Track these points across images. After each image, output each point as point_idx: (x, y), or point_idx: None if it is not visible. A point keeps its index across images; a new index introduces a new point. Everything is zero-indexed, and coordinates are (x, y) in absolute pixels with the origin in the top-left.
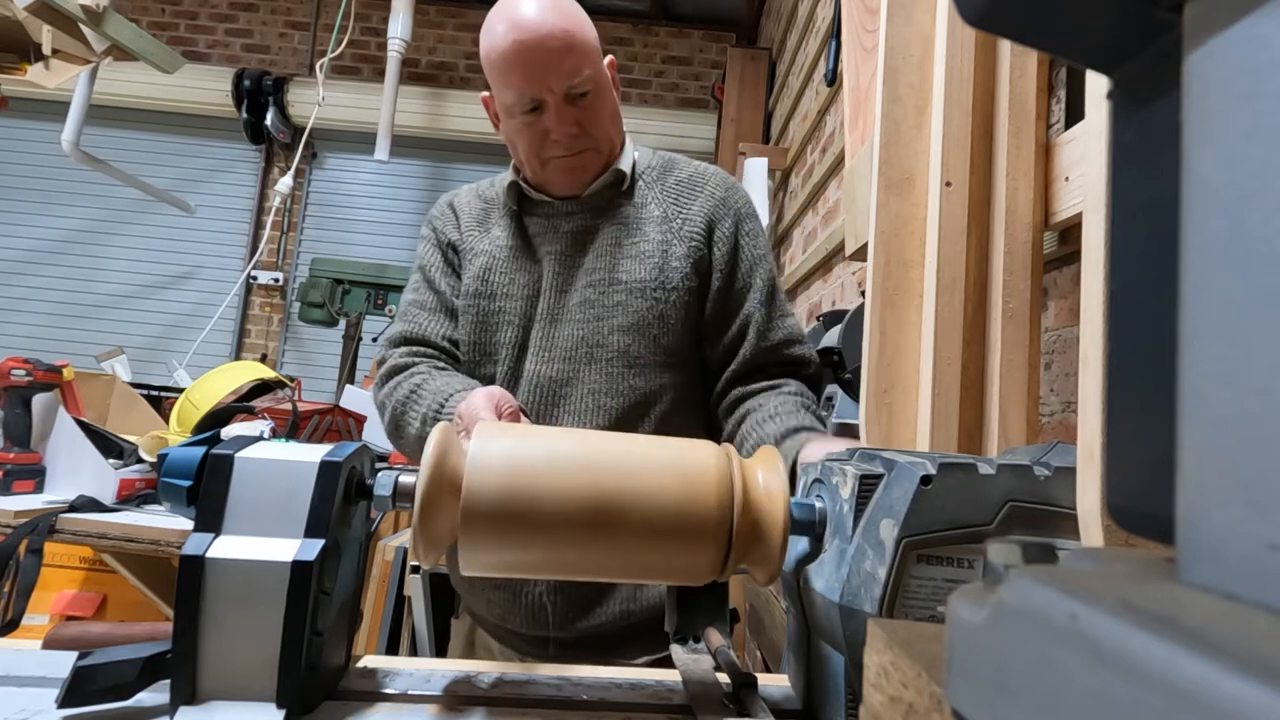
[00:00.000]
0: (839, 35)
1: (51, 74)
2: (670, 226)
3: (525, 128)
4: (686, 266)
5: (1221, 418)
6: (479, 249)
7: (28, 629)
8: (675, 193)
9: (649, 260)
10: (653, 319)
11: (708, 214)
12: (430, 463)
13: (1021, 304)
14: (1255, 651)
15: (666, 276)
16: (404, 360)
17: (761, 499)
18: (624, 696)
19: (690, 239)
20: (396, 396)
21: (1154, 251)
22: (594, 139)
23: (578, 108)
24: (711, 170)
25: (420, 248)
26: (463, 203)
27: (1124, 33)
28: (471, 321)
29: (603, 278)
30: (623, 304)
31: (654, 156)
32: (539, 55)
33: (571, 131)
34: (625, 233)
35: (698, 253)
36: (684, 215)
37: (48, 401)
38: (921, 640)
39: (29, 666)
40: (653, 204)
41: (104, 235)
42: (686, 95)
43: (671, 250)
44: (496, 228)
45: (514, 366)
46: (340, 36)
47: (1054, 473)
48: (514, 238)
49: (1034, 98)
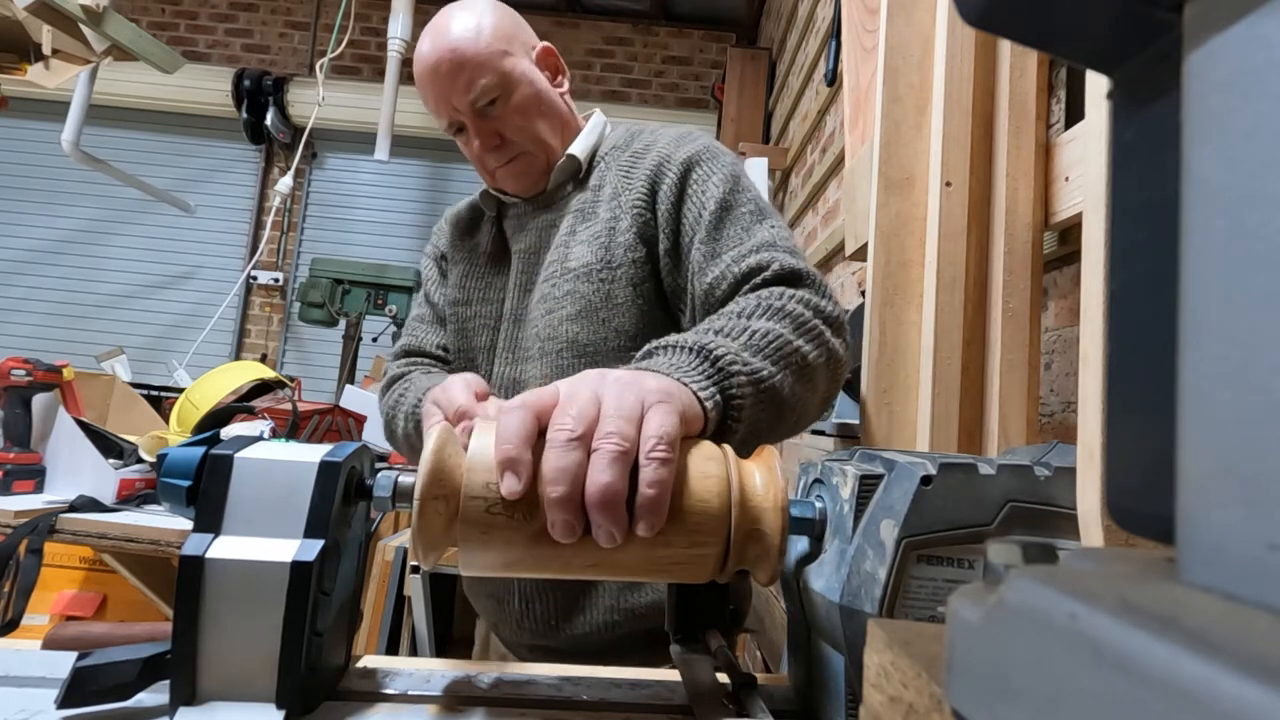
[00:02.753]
0: (839, 35)
1: (51, 74)
2: (618, 201)
3: (464, 147)
4: (630, 238)
5: (1221, 418)
6: (459, 257)
7: (28, 629)
8: (628, 165)
9: (596, 242)
10: (599, 301)
11: (651, 174)
12: (428, 462)
13: (1021, 304)
14: (1256, 652)
15: (611, 255)
16: (400, 369)
17: (760, 499)
18: (624, 696)
19: (632, 206)
20: (388, 402)
21: (1154, 251)
22: (518, 144)
23: (491, 119)
24: (669, 131)
25: (423, 263)
26: (456, 214)
27: (1124, 33)
28: (454, 329)
29: (556, 269)
30: (571, 292)
31: (622, 130)
32: (436, 83)
33: (493, 143)
34: (580, 219)
35: (640, 219)
36: (630, 186)
37: (48, 401)
38: (921, 640)
39: (29, 666)
40: (607, 184)
41: (104, 235)
42: (686, 95)
43: (618, 225)
44: (481, 235)
45: (488, 371)
46: (340, 36)
47: (1054, 473)
48: (493, 243)
49: (1034, 98)
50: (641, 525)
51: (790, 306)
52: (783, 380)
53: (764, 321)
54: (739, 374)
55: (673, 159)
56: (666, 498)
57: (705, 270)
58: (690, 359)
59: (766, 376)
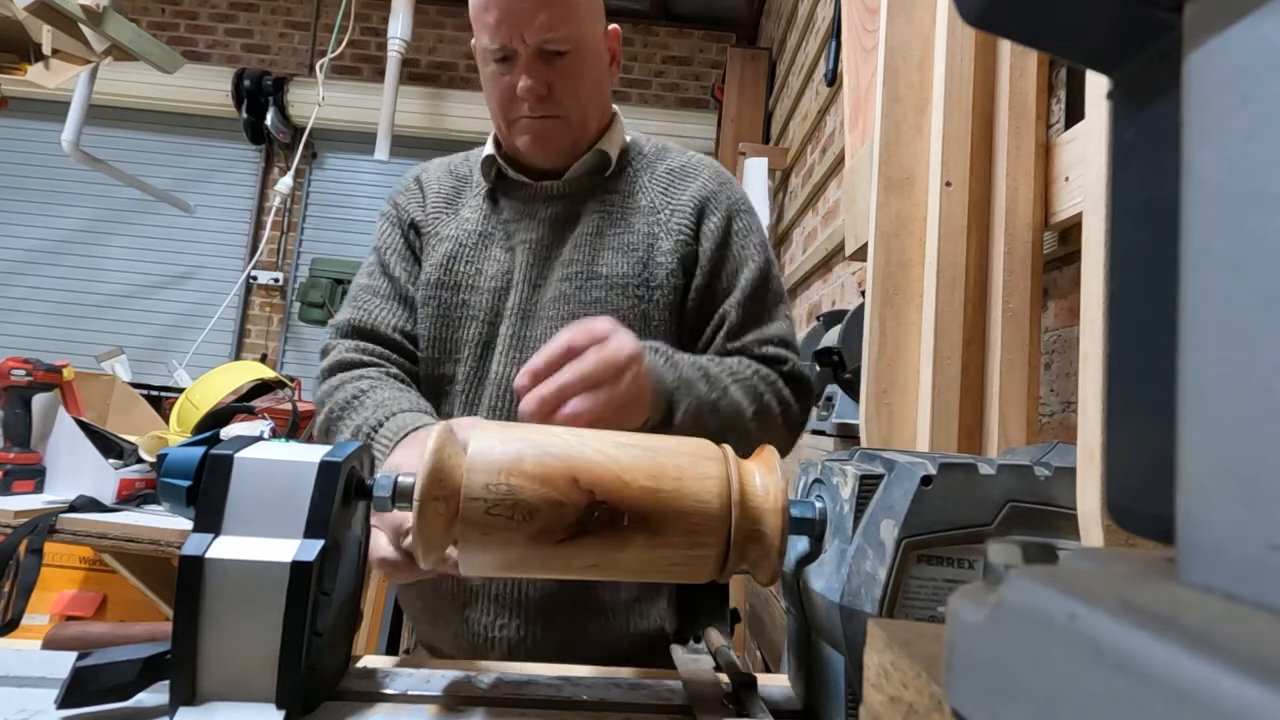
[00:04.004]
0: (839, 35)
1: (51, 74)
2: (658, 218)
3: (495, 78)
4: (673, 262)
5: (1221, 418)
6: (444, 233)
7: (28, 629)
8: (665, 182)
9: (632, 254)
10: (634, 319)
11: (698, 206)
12: (428, 463)
13: (1021, 304)
14: (1256, 652)
15: (651, 273)
16: (351, 356)
17: (760, 499)
18: (624, 697)
19: (678, 232)
20: (337, 399)
21: (1154, 251)
22: (563, 105)
23: (552, 67)
24: (706, 161)
25: (380, 226)
26: (432, 179)
27: (1124, 33)
28: (432, 315)
29: (580, 270)
30: (601, 300)
31: (648, 143)
32: (516, 2)
33: (539, 92)
34: (608, 222)
35: (685, 247)
36: (672, 206)
37: (48, 401)
38: (921, 640)
39: (29, 666)
40: (640, 193)
41: (104, 235)
42: (686, 95)
43: (658, 244)
44: (467, 209)
45: (477, 366)
46: (340, 36)
47: (1054, 473)
48: (485, 222)
49: (1034, 98)
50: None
51: (758, 387)
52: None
53: (727, 379)
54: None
55: (719, 197)
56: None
57: (732, 336)
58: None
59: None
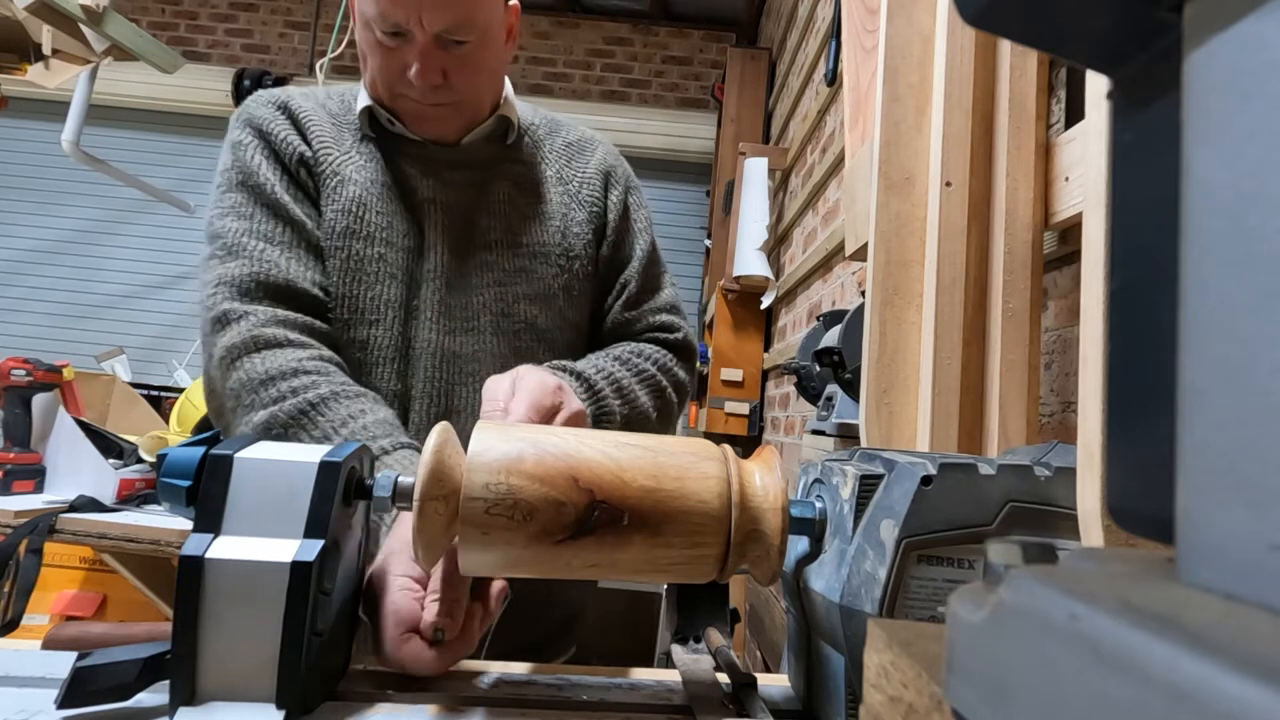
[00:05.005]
0: (839, 35)
1: (51, 74)
2: (568, 189)
3: (379, 48)
4: (588, 233)
5: (1221, 418)
6: (346, 174)
7: (28, 629)
8: (566, 154)
9: (550, 223)
10: (558, 289)
11: (604, 178)
12: (428, 464)
13: (1021, 304)
14: (1256, 652)
15: (569, 243)
16: (270, 332)
17: (760, 499)
18: (624, 697)
19: (590, 204)
20: (271, 394)
21: (1154, 251)
22: (457, 93)
23: (450, 54)
24: (598, 135)
25: (235, 155)
26: (304, 109)
27: (1124, 33)
28: (340, 267)
29: (500, 239)
30: (526, 269)
31: (535, 113)
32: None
33: (434, 81)
34: (519, 191)
35: (598, 219)
36: (579, 178)
37: (48, 401)
38: (921, 640)
39: (28, 666)
40: (544, 163)
41: (104, 235)
42: (686, 95)
43: (571, 214)
44: (355, 153)
45: (402, 331)
46: (340, 36)
47: (1054, 473)
48: (384, 172)
49: (1034, 98)
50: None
51: (660, 380)
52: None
53: (637, 385)
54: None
55: (618, 171)
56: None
57: (630, 305)
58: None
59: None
